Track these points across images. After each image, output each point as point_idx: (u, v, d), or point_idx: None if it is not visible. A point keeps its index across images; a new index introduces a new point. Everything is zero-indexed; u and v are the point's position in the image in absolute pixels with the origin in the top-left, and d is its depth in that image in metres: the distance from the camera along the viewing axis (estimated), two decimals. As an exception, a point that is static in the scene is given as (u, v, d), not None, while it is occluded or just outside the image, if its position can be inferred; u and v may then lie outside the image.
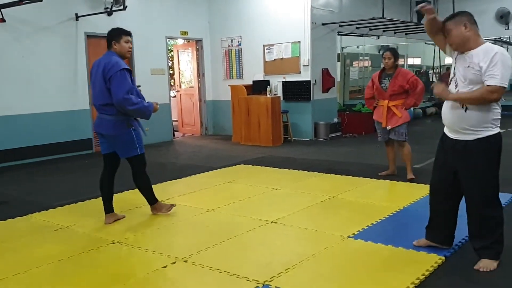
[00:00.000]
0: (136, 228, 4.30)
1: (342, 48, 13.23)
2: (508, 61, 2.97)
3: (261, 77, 10.29)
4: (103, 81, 4.16)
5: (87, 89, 8.88)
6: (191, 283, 3.18)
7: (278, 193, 5.45)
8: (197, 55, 11.23)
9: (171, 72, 12.50)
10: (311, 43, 9.63)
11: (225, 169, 6.98)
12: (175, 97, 11.96)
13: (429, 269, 3.16)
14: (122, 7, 8.58)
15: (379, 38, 12.96)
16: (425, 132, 10.38)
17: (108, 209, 4.50)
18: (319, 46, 9.85)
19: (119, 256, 3.67)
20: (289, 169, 6.79)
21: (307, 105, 9.86)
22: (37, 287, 3.17)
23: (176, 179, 6.30)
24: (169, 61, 11.50)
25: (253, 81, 10.12)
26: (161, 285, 3.15)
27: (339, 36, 11.30)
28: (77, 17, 8.64)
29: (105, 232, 4.20)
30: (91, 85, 4.42)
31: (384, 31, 12.14)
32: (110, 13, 8.90)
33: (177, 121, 11.87)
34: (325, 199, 5.06)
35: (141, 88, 5.03)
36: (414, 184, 5.59)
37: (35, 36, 8.11)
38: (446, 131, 3.31)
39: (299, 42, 9.74)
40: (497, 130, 3.12)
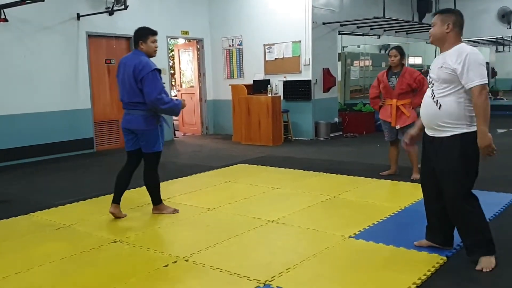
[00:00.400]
0: (137, 227, 4.31)
1: (342, 47, 13.25)
2: (479, 59, 3.07)
3: (261, 76, 10.30)
4: (134, 81, 4.28)
5: (89, 88, 8.90)
6: (192, 282, 3.19)
7: (278, 192, 5.45)
8: (197, 54, 11.24)
9: (172, 71, 12.51)
10: (312, 43, 9.63)
11: (225, 168, 6.99)
12: (176, 96, 11.96)
13: (430, 269, 3.17)
14: (123, 7, 8.59)
15: (380, 37, 12.96)
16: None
17: (116, 199, 4.58)
18: (320, 45, 9.85)
19: (121, 255, 3.68)
20: (289, 168, 6.79)
21: (308, 105, 9.86)
22: (39, 285, 3.18)
23: (176, 179, 6.31)
24: (170, 61, 11.50)
25: (254, 81, 10.12)
26: (162, 284, 3.15)
27: (340, 35, 11.32)
28: (79, 17, 8.64)
29: (107, 231, 4.21)
30: (119, 82, 4.49)
31: (385, 31, 12.14)
32: (111, 13, 8.91)
33: (177, 120, 11.88)
34: (326, 199, 5.06)
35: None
36: (415, 184, 5.58)
37: (37, 35, 8.12)
38: (425, 129, 3.37)
39: (300, 41, 9.75)
40: (474, 128, 3.11)
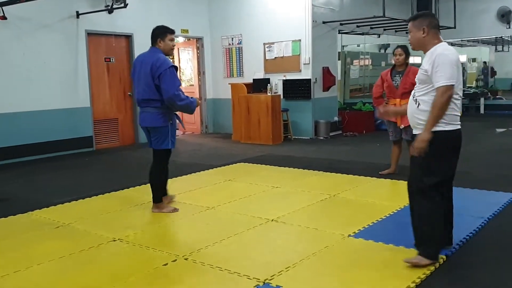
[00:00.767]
0: (136, 225, 4.30)
1: (342, 46, 13.23)
2: (449, 60, 3.08)
3: (261, 75, 10.29)
4: (151, 78, 4.37)
5: (88, 86, 8.89)
6: (192, 281, 3.18)
7: (278, 191, 5.45)
8: (197, 53, 11.23)
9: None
10: (312, 42, 9.63)
11: (225, 167, 6.98)
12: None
13: (430, 268, 3.16)
14: (122, 5, 8.58)
15: (379, 36, 12.96)
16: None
17: (163, 193, 4.77)
18: (320, 44, 9.85)
19: (120, 253, 3.67)
20: (289, 167, 6.79)
21: (308, 104, 9.86)
22: (38, 284, 3.17)
23: (176, 177, 6.29)
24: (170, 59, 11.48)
25: (254, 80, 10.11)
26: (161, 283, 3.14)
27: (340, 34, 11.31)
28: (78, 15, 8.63)
29: (106, 229, 4.20)
30: (135, 80, 4.59)
31: (385, 30, 12.14)
32: (110, 11, 8.89)
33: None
34: (326, 198, 5.06)
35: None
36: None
37: (36, 33, 8.11)
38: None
39: (300, 40, 9.74)
40: (451, 127, 3.13)
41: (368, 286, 2.99)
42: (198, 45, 11.18)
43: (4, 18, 7.40)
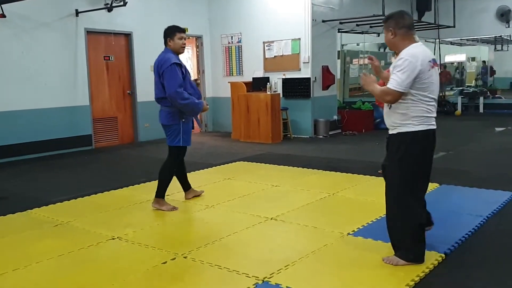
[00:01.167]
0: (135, 224, 4.30)
1: (342, 45, 13.23)
2: (409, 66, 3.01)
3: (261, 74, 10.28)
4: (158, 78, 4.49)
5: (87, 85, 8.88)
6: (191, 279, 3.19)
7: (277, 190, 5.45)
8: (197, 51, 11.22)
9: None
10: (311, 40, 9.63)
11: (224, 166, 6.98)
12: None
13: (429, 266, 3.17)
14: (122, 3, 8.56)
15: (379, 35, 12.94)
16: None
17: (184, 189, 5.01)
18: (319, 43, 9.84)
19: (119, 251, 3.67)
20: (288, 166, 6.79)
21: (307, 102, 9.85)
22: (37, 282, 3.17)
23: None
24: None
25: (253, 78, 10.11)
26: (160, 281, 3.14)
27: (339, 33, 11.30)
28: (77, 13, 8.62)
29: (105, 228, 4.20)
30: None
31: (384, 29, 12.11)
32: (110, 9, 8.88)
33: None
34: (325, 196, 5.06)
35: (199, 82, 5.25)
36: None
37: (35, 31, 8.10)
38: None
39: (299, 39, 9.73)
40: (421, 127, 3.10)
41: (367, 284, 3.00)
42: (197, 43, 11.16)
43: (3, 16, 7.39)
